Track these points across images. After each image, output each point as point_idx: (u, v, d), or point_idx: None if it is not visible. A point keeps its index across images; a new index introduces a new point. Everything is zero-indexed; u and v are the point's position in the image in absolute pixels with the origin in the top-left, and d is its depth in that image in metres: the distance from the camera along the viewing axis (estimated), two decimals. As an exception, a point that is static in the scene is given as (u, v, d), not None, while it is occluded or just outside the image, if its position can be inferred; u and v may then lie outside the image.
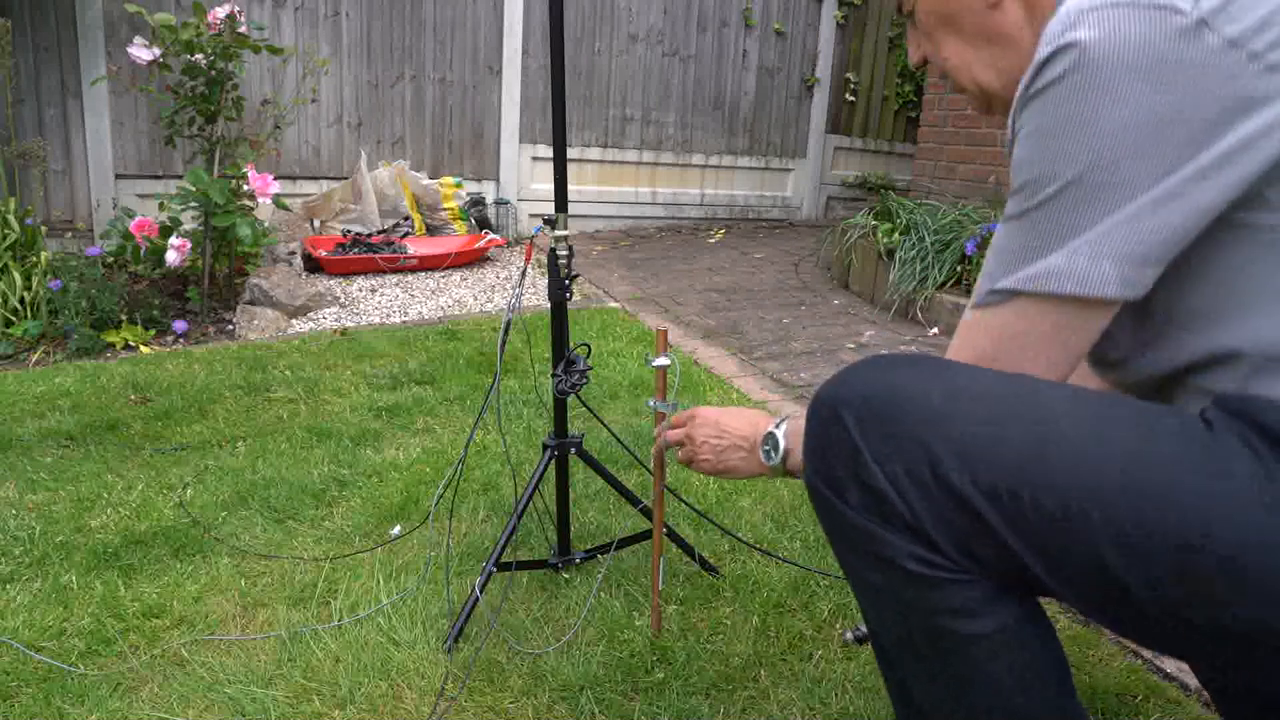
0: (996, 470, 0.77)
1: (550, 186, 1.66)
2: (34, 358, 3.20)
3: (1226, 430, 0.76)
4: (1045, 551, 0.77)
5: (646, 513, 1.73)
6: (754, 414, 1.22)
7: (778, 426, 1.14)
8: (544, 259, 1.65)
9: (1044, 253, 0.81)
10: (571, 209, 2.16)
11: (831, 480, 0.85)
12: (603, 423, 1.88)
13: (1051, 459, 0.76)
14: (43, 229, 3.84)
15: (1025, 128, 0.82)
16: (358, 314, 3.89)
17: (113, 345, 3.32)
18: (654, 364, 1.39)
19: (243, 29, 3.64)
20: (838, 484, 0.84)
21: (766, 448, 1.15)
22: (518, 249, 5.36)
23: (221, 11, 3.59)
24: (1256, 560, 0.71)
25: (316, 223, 4.86)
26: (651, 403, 1.41)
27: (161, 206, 3.77)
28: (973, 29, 0.95)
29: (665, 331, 1.40)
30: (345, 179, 5.06)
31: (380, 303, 4.07)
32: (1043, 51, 0.79)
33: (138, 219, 3.69)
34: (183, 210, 3.65)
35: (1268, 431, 0.75)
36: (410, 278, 4.51)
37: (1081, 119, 0.77)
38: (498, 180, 5.64)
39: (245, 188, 3.75)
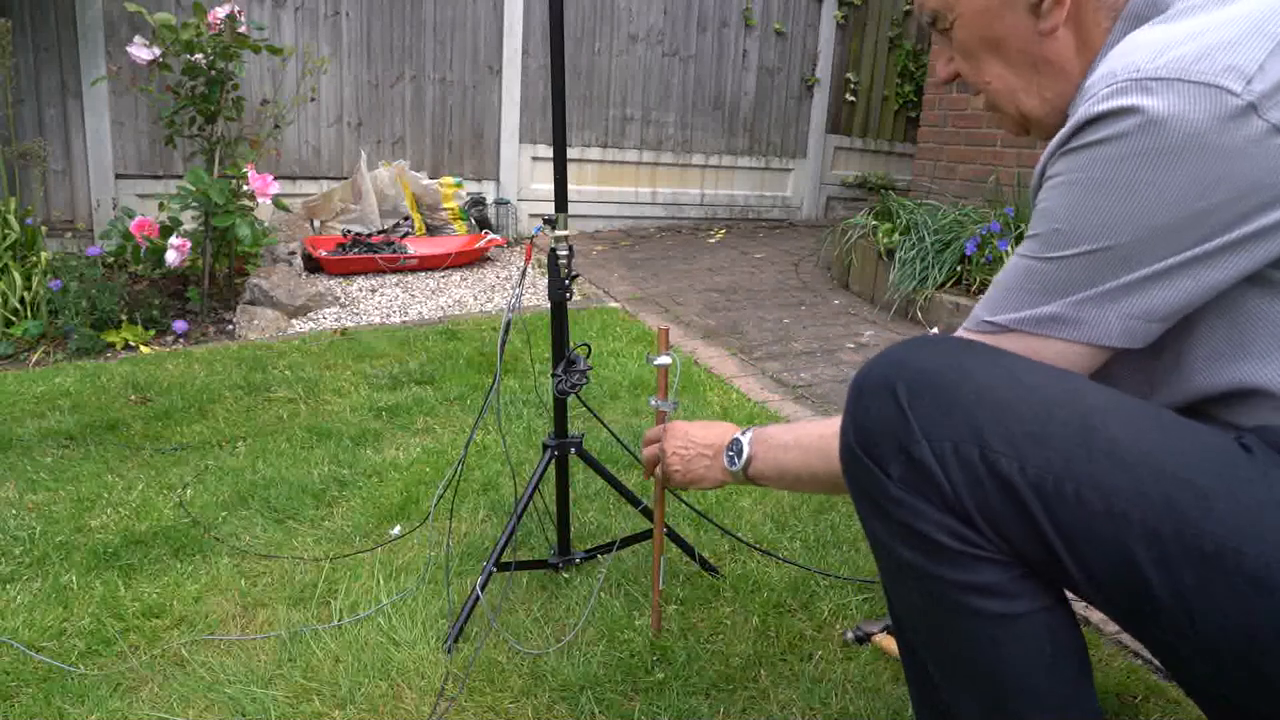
0: (1046, 461, 0.77)
1: (550, 186, 1.66)
2: (34, 358, 3.19)
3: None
4: (1079, 545, 0.77)
5: (647, 513, 1.73)
6: (724, 425, 1.24)
7: (744, 434, 1.16)
8: (544, 259, 1.65)
9: (1050, 299, 0.84)
10: (571, 209, 2.16)
11: (873, 450, 0.84)
12: (603, 423, 1.88)
13: (1100, 457, 0.76)
14: (43, 229, 3.84)
15: (1061, 176, 0.82)
16: (358, 314, 3.88)
17: (113, 345, 3.32)
18: (655, 362, 1.39)
19: (243, 29, 3.64)
20: (880, 455, 0.84)
21: (730, 453, 1.17)
22: (518, 249, 5.35)
23: (221, 11, 3.59)
24: None
25: (316, 223, 4.85)
26: (653, 401, 1.41)
27: (161, 206, 3.76)
28: (1020, 55, 0.94)
29: (667, 330, 1.40)
30: (345, 179, 5.06)
31: (380, 303, 4.07)
32: (1096, 108, 0.79)
33: (138, 219, 3.69)
34: (183, 210, 3.65)
35: None
36: (410, 278, 4.51)
37: (1126, 186, 0.78)
38: (498, 180, 5.63)
39: (245, 188, 3.75)
